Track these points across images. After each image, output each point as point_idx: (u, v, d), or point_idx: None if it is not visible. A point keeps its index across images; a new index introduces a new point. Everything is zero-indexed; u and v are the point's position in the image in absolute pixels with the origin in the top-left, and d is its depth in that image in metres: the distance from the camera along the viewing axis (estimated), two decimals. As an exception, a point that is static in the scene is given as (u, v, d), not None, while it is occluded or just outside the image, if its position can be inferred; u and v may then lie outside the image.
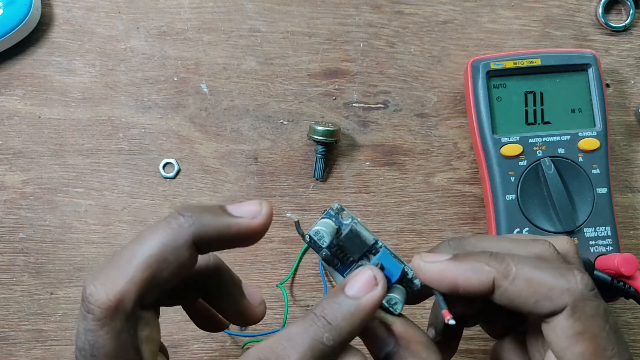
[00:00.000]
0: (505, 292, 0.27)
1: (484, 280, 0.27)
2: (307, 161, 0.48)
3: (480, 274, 0.27)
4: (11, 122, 0.47)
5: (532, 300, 0.27)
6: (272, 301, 0.46)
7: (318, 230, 0.29)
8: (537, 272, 0.27)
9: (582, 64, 0.44)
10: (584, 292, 0.26)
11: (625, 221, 0.47)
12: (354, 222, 0.30)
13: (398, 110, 0.48)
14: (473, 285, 0.27)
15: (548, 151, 0.43)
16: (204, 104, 0.48)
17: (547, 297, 0.26)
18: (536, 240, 0.30)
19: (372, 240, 0.30)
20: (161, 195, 0.47)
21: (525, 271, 0.27)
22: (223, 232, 0.27)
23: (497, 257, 0.27)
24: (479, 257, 0.28)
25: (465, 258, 0.28)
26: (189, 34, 0.48)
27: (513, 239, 0.30)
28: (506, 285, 0.27)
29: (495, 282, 0.27)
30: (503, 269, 0.27)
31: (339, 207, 0.30)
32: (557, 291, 0.26)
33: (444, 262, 0.28)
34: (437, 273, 0.28)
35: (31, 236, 0.47)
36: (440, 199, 0.47)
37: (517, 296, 0.27)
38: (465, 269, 0.28)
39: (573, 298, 0.26)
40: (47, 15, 0.48)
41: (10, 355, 0.46)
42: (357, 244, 0.30)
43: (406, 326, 0.29)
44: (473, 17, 0.48)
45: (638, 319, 0.47)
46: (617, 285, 0.40)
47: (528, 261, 0.27)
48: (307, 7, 0.48)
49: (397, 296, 0.29)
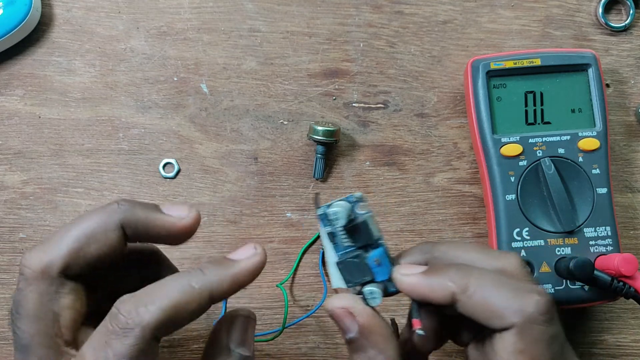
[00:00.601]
0: (463, 305, 0.30)
1: (447, 295, 0.30)
2: (307, 161, 0.48)
3: (444, 289, 0.30)
4: (11, 122, 0.47)
5: (486, 316, 0.29)
6: (272, 301, 0.46)
7: (337, 212, 0.31)
8: (494, 291, 0.29)
9: (582, 64, 0.44)
10: (534, 316, 0.29)
11: (625, 221, 0.47)
12: (369, 214, 0.32)
13: (398, 110, 0.48)
14: (438, 298, 0.31)
15: (548, 151, 0.43)
16: (204, 104, 0.48)
17: (499, 315, 0.29)
18: (503, 253, 0.32)
19: (377, 237, 0.33)
20: (161, 195, 0.47)
21: (483, 289, 0.30)
22: (149, 224, 0.31)
23: (461, 273, 0.30)
24: (446, 273, 0.31)
25: (434, 273, 0.31)
26: (189, 34, 0.48)
27: (481, 251, 0.33)
28: (464, 300, 0.30)
29: (456, 296, 0.30)
30: (464, 284, 0.30)
31: (360, 196, 0.33)
32: (508, 311, 0.29)
33: (416, 275, 0.32)
34: (410, 285, 0.32)
35: (31, 236, 0.47)
36: (440, 199, 0.47)
37: (473, 311, 0.30)
38: (432, 284, 0.31)
39: (522, 320, 0.29)
40: (47, 15, 0.48)
41: (11, 355, 0.46)
42: (362, 235, 0.32)
43: (370, 318, 0.32)
44: (473, 17, 0.48)
45: (638, 319, 0.47)
46: (617, 285, 0.40)
47: (489, 279, 0.30)
48: (307, 7, 0.48)
49: (379, 290, 0.32)
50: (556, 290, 0.42)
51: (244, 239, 0.47)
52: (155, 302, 0.27)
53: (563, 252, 0.43)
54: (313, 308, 0.46)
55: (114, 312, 0.27)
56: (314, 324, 0.46)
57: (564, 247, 0.43)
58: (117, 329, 0.27)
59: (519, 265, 0.32)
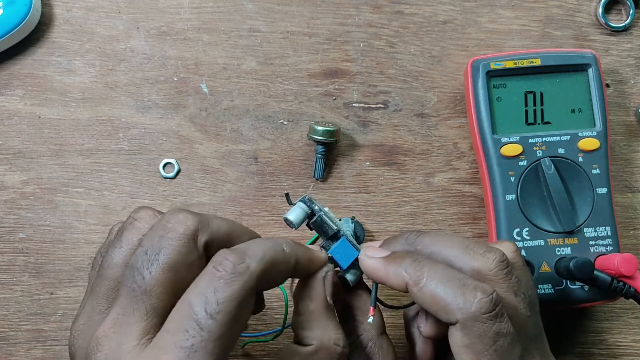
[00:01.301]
0: (414, 296, 0.32)
1: (401, 283, 0.32)
2: (307, 161, 0.48)
3: (398, 278, 0.32)
4: (11, 122, 0.47)
5: (433, 308, 0.31)
6: (272, 301, 0.46)
7: (287, 218, 0.35)
8: (441, 288, 0.31)
9: (582, 64, 0.44)
10: (475, 314, 0.30)
11: (625, 221, 0.47)
12: (320, 214, 0.36)
13: (398, 110, 0.48)
14: (393, 284, 0.33)
15: (548, 151, 0.43)
16: (204, 104, 0.48)
17: (444, 309, 0.31)
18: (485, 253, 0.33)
19: (334, 231, 0.36)
20: (161, 195, 0.47)
21: (432, 285, 0.31)
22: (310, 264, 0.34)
23: (415, 265, 0.32)
24: (403, 263, 0.33)
25: (393, 261, 0.33)
26: (189, 34, 0.48)
27: (464, 248, 0.34)
28: (415, 291, 0.32)
29: (408, 287, 0.32)
30: (416, 277, 0.32)
31: (309, 198, 0.36)
32: (452, 306, 0.30)
33: (378, 259, 0.34)
34: (371, 267, 0.34)
35: (31, 236, 0.47)
36: (440, 199, 0.47)
37: (423, 302, 0.32)
38: (389, 271, 0.33)
39: (464, 317, 0.30)
40: (47, 15, 0.48)
41: (10, 355, 0.46)
42: (322, 231, 0.36)
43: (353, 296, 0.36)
44: (473, 17, 0.48)
45: (638, 319, 0.47)
46: (617, 285, 0.40)
47: (439, 274, 0.32)
48: (307, 7, 0.48)
49: (348, 278, 0.36)
50: (556, 290, 0.42)
51: (244, 239, 0.47)
52: (258, 254, 0.29)
53: (563, 252, 0.43)
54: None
55: (220, 260, 0.28)
56: (314, 324, 0.46)
57: (564, 247, 0.43)
58: (226, 274, 0.28)
59: (495, 267, 0.33)
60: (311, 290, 0.33)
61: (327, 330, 0.32)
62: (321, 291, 0.33)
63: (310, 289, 0.33)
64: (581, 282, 0.42)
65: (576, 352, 0.46)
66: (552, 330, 0.35)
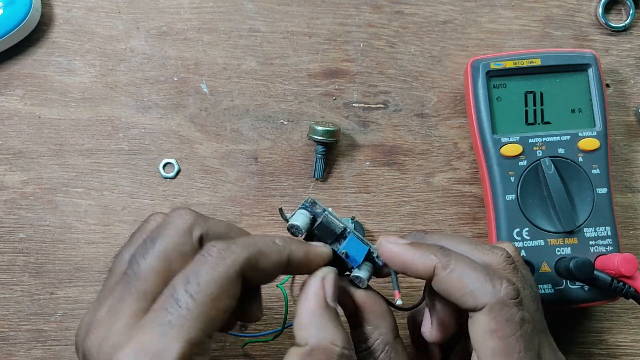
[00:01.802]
0: (440, 280, 0.32)
1: (427, 266, 0.32)
2: (307, 161, 0.48)
3: (426, 260, 0.32)
4: (11, 122, 0.47)
5: (460, 293, 0.31)
6: (272, 301, 0.46)
7: (293, 225, 0.34)
8: (470, 272, 0.31)
9: (582, 64, 0.44)
10: (503, 299, 0.31)
11: (625, 221, 0.47)
12: (325, 213, 0.35)
13: (398, 110, 0.48)
14: (418, 269, 0.33)
15: (548, 151, 0.43)
16: (204, 104, 0.48)
17: (472, 294, 0.31)
18: (492, 249, 0.34)
19: (341, 229, 0.35)
20: (161, 195, 0.47)
21: (461, 268, 0.32)
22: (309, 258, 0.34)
23: (444, 251, 0.32)
24: (430, 248, 0.33)
25: (419, 246, 0.33)
26: (189, 34, 0.48)
27: (471, 244, 0.35)
28: (443, 275, 0.32)
29: (435, 270, 0.32)
30: (445, 261, 0.32)
31: (312, 201, 0.36)
32: (480, 291, 0.31)
33: (402, 245, 0.34)
34: (393, 252, 0.33)
35: (31, 236, 0.47)
36: (440, 199, 0.47)
37: (449, 286, 0.32)
38: (415, 254, 0.33)
39: (492, 301, 0.30)
40: (47, 15, 0.48)
41: (10, 355, 0.46)
42: (329, 232, 0.35)
43: (366, 297, 0.34)
44: (473, 17, 0.48)
45: (638, 319, 0.47)
46: (617, 285, 0.40)
47: (468, 262, 0.32)
48: (307, 7, 0.48)
49: (361, 275, 0.34)
50: (556, 290, 0.42)
51: (244, 239, 0.47)
52: (244, 244, 0.30)
53: (563, 252, 0.43)
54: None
55: (208, 247, 0.30)
56: (314, 324, 0.46)
57: (564, 247, 0.43)
58: (211, 258, 0.29)
59: (504, 262, 0.34)
60: (309, 290, 0.33)
61: (324, 330, 0.31)
62: (319, 291, 0.32)
63: (308, 288, 0.33)
64: (581, 282, 0.42)
65: (576, 352, 0.46)
66: (552, 330, 0.35)
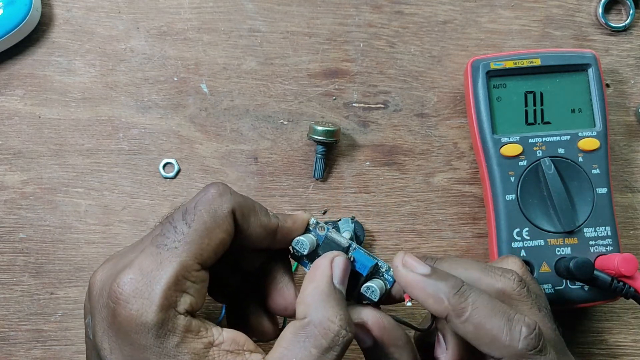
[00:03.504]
0: (455, 327, 0.31)
1: (440, 312, 0.31)
2: (307, 161, 0.48)
3: (439, 305, 0.31)
4: (11, 122, 0.47)
5: (476, 343, 0.30)
6: (272, 301, 0.46)
7: (299, 240, 0.34)
8: (488, 321, 0.30)
9: (582, 64, 0.44)
10: (522, 352, 0.30)
11: (625, 221, 0.47)
12: (329, 231, 0.35)
13: (398, 110, 0.48)
14: (430, 309, 0.31)
15: (548, 151, 0.43)
16: (204, 104, 0.48)
17: (488, 346, 0.30)
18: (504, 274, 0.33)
19: (346, 244, 0.34)
20: (161, 195, 0.47)
21: (478, 317, 0.30)
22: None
23: (461, 295, 0.31)
24: (446, 289, 0.31)
25: (436, 281, 0.31)
26: (189, 34, 0.48)
27: (483, 271, 0.33)
28: (457, 323, 0.30)
29: (448, 317, 0.31)
30: (460, 308, 0.30)
31: (315, 222, 0.35)
32: (498, 344, 0.30)
33: (417, 276, 0.32)
34: (408, 282, 0.32)
35: (31, 236, 0.47)
36: (440, 199, 0.47)
37: (464, 335, 0.31)
38: (429, 294, 0.31)
39: (510, 355, 0.30)
40: (47, 15, 0.48)
41: (10, 355, 0.46)
42: (332, 248, 0.34)
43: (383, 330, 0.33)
44: (473, 17, 0.48)
45: (638, 319, 0.47)
46: (617, 285, 0.40)
47: (486, 306, 0.30)
48: (307, 7, 0.48)
49: (375, 285, 0.33)
50: (556, 290, 0.42)
51: (244, 239, 0.47)
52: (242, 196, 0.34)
53: (563, 252, 0.43)
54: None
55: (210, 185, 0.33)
56: (314, 324, 0.46)
57: (564, 247, 0.43)
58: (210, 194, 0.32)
59: (517, 287, 0.33)
60: (317, 270, 0.32)
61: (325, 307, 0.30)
62: (327, 271, 0.32)
63: (317, 269, 0.32)
64: (581, 282, 0.42)
65: (576, 352, 0.46)
66: (552, 330, 0.35)
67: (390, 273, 0.34)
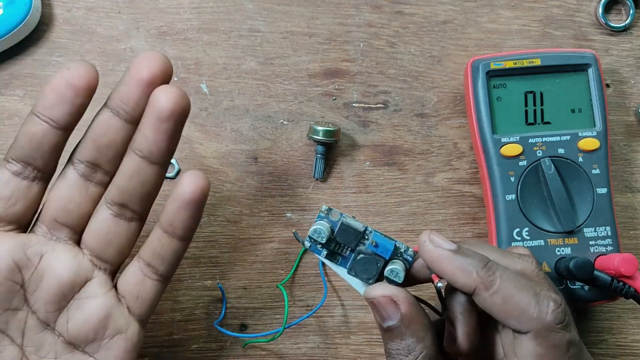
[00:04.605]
0: (483, 300, 0.31)
1: (468, 284, 0.31)
2: (307, 161, 0.48)
3: (467, 278, 0.31)
4: (11, 122, 0.47)
5: (504, 315, 0.30)
6: (272, 301, 0.46)
7: (316, 229, 0.34)
8: (516, 293, 0.30)
9: (582, 64, 0.44)
10: (550, 324, 0.30)
11: (625, 221, 0.47)
12: (343, 216, 0.35)
13: (398, 110, 0.48)
14: (458, 283, 0.31)
15: (548, 151, 0.43)
16: (204, 104, 0.48)
17: (517, 318, 0.30)
18: (522, 257, 0.33)
19: (363, 228, 0.35)
20: (161, 195, 0.47)
21: (506, 290, 0.30)
22: None
23: (488, 269, 0.31)
24: (474, 262, 0.31)
25: (463, 256, 0.32)
26: (189, 34, 0.48)
27: (501, 253, 0.34)
28: (485, 296, 0.30)
29: (476, 290, 0.31)
30: (489, 281, 0.30)
31: (327, 209, 0.35)
32: (526, 316, 0.30)
33: (445, 251, 0.32)
34: (435, 257, 0.32)
35: (31, 236, 0.46)
36: (440, 199, 0.47)
37: (492, 308, 0.31)
38: (456, 267, 0.31)
39: (539, 327, 0.30)
40: (47, 15, 0.48)
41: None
42: (350, 233, 0.34)
43: (412, 306, 0.32)
44: (473, 17, 0.48)
45: (638, 319, 0.47)
46: (617, 285, 0.40)
47: (512, 280, 0.31)
48: (307, 7, 0.48)
49: (398, 267, 0.33)
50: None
51: (244, 239, 0.47)
52: None
53: (563, 252, 0.43)
54: (313, 308, 0.46)
55: None
56: (314, 324, 0.46)
57: (564, 247, 0.43)
58: None
59: (535, 269, 0.33)
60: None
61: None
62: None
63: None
64: (581, 282, 0.42)
65: (576, 352, 0.46)
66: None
67: (409, 253, 0.35)
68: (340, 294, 0.47)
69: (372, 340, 0.46)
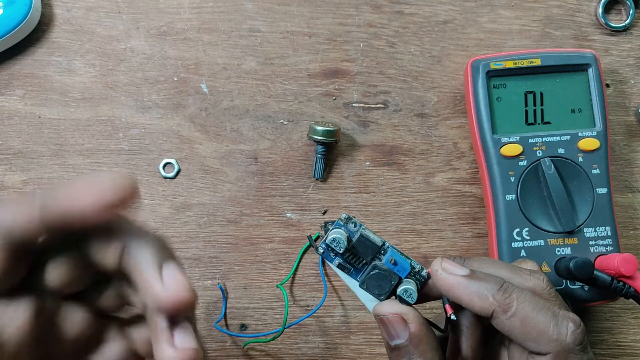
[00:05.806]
0: (501, 323, 0.30)
1: (485, 309, 0.30)
2: (307, 161, 0.48)
3: (484, 302, 0.30)
4: (11, 122, 0.47)
5: (522, 338, 0.30)
6: (272, 301, 0.46)
7: (335, 238, 0.32)
8: (534, 315, 0.30)
9: (582, 64, 0.44)
10: (570, 346, 0.29)
11: (625, 221, 0.47)
12: (362, 227, 0.33)
13: (398, 110, 0.48)
14: (474, 308, 0.31)
15: (548, 151, 0.43)
16: (204, 104, 0.48)
17: (536, 340, 0.30)
18: (532, 274, 0.33)
19: (380, 242, 0.33)
20: (161, 195, 0.47)
21: (524, 311, 0.30)
22: None
23: (504, 291, 0.30)
24: (489, 286, 0.31)
25: (477, 281, 0.31)
26: (189, 34, 0.48)
27: (512, 270, 0.33)
28: (503, 319, 0.30)
29: (494, 314, 0.30)
30: (506, 304, 0.30)
31: (347, 217, 0.34)
32: (545, 338, 0.29)
33: (459, 277, 0.31)
34: (449, 285, 0.31)
35: (31, 236, 0.46)
36: (440, 199, 0.47)
37: (510, 331, 0.30)
38: (472, 293, 0.31)
39: (558, 349, 0.29)
40: (47, 15, 0.48)
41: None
42: (367, 246, 0.33)
43: (420, 327, 0.32)
44: (473, 17, 0.48)
45: (638, 319, 0.47)
46: (617, 285, 0.40)
47: (530, 301, 0.30)
48: (307, 7, 0.48)
49: (412, 287, 0.33)
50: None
51: (244, 239, 0.47)
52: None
53: (563, 252, 0.43)
54: (313, 308, 0.46)
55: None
56: (314, 324, 0.46)
57: (564, 247, 0.43)
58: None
59: (547, 286, 0.33)
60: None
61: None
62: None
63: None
64: (581, 282, 0.42)
65: (576, 352, 0.46)
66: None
67: (423, 274, 0.34)
68: (340, 294, 0.47)
69: (372, 340, 0.46)
